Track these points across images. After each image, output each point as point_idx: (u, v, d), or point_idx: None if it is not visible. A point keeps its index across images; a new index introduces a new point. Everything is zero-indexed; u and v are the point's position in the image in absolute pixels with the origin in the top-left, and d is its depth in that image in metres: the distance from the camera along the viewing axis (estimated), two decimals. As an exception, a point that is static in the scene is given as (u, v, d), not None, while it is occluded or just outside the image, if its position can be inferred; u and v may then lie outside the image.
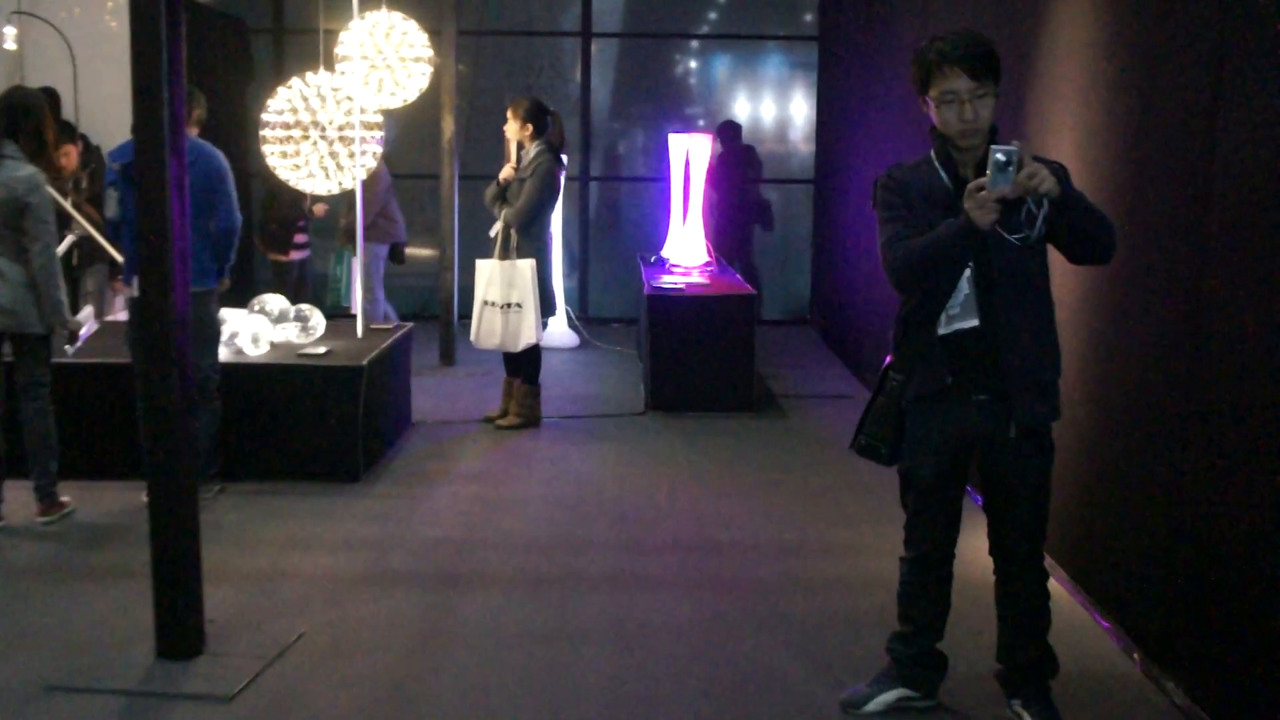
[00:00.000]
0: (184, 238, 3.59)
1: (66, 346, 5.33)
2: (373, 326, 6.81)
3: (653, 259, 9.19)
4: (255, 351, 5.95)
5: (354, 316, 6.88)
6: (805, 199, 11.17)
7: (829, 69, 10.62)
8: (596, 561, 4.86)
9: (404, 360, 6.83)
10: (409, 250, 9.15)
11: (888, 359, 3.36)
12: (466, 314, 6.95)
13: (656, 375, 7.48)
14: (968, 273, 3.15)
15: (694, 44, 11.23)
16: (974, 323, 3.17)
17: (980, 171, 3.12)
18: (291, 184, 6.92)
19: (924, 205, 3.18)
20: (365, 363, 5.82)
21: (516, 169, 6.80)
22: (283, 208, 8.77)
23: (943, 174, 3.20)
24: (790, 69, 11.20)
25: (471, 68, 10.78)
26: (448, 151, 8.58)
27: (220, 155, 5.33)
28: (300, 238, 8.95)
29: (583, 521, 5.35)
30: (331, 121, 6.78)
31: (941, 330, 3.21)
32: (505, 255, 6.76)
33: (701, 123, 11.02)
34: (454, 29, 8.53)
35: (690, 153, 8.98)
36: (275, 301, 6.38)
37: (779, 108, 11.23)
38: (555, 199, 6.97)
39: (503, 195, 6.82)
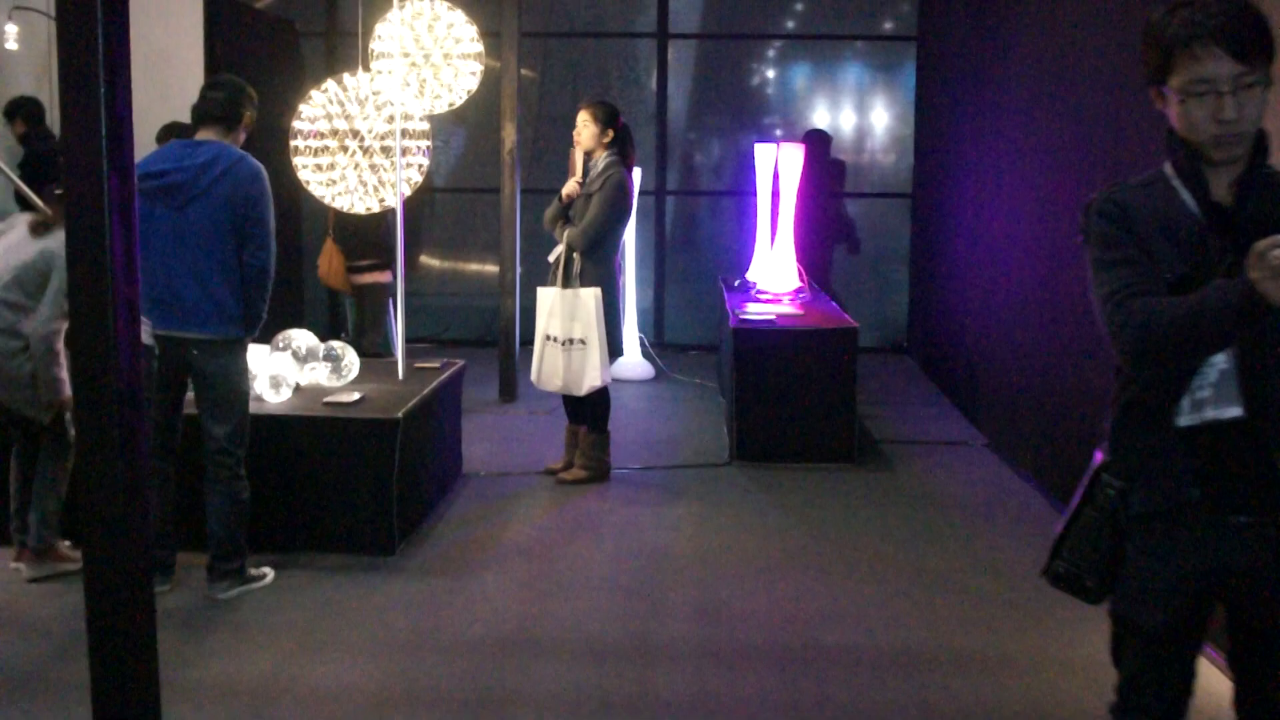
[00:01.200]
0: (131, 280, 2.69)
1: None
2: (417, 365, 5.91)
3: (736, 283, 8.22)
4: (276, 398, 5.08)
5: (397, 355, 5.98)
6: (900, 214, 10.11)
7: (930, 71, 9.58)
8: (673, 675, 3.88)
9: (453, 405, 5.92)
10: (471, 267, 8.29)
11: (1098, 456, 2.36)
12: (529, 341, 6.09)
13: (743, 419, 6.49)
14: (1227, 340, 2.14)
15: (778, 45, 10.22)
16: (1235, 412, 2.16)
17: (1245, 194, 2.14)
18: (326, 201, 6.11)
19: (1159, 240, 2.19)
20: (400, 415, 4.91)
21: (582, 183, 5.86)
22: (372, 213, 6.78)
23: (1186, 197, 2.20)
24: (884, 72, 10.14)
25: (536, 72, 9.91)
26: (509, 163, 7.72)
27: (263, 171, 4.33)
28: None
29: (657, 614, 4.39)
30: (371, 130, 5.94)
31: (1184, 421, 2.20)
32: (567, 283, 5.82)
33: (779, 132, 10.01)
34: (516, 29, 7.68)
35: (780, 165, 8.02)
36: (303, 338, 5.49)
37: (871, 114, 10.18)
38: (627, 218, 5.96)
39: (564, 214, 5.89)
